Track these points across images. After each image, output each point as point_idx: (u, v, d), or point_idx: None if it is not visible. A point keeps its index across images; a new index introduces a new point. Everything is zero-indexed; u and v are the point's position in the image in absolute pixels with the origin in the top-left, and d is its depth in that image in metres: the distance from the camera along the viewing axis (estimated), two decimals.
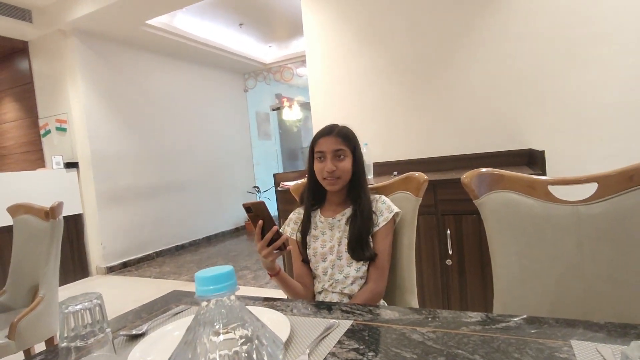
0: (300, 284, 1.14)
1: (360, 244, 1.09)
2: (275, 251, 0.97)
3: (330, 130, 1.13)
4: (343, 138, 1.12)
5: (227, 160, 5.94)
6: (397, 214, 1.12)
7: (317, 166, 1.13)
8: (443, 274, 1.95)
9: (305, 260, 1.17)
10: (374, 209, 1.12)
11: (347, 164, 1.11)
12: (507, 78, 2.31)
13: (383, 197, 1.16)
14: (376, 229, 1.10)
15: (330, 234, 1.15)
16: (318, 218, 1.19)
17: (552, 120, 2.22)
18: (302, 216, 1.21)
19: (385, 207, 1.11)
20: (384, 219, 1.10)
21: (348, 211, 1.14)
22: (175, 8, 3.83)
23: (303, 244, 1.18)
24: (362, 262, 1.10)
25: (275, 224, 0.95)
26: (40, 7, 3.85)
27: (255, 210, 0.93)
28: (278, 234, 0.95)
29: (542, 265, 0.90)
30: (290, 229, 1.22)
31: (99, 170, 4.10)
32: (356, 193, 1.13)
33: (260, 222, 0.93)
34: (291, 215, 1.25)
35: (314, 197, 1.20)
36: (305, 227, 1.18)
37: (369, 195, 1.14)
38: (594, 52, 2.10)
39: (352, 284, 1.08)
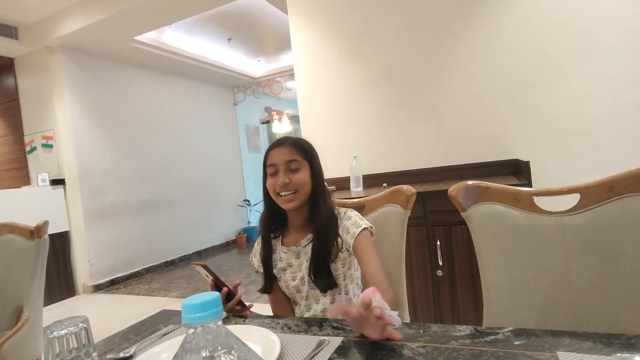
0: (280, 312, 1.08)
1: (319, 270, 0.97)
2: (237, 307, 0.96)
3: (284, 141, 1.02)
4: (298, 148, 1.00)
5: (217, 174, 5.91)
6: (368, 228, 0.99)
7: (269, 182, 1.00)
8: (434, 285, 1.95)
9: (274, 291, 1.09)
10: (340, 226, 1.00)
11: (303, 176, 0.99)
12: (493, 91, 2.36)
13: (349, 212, 1.03)
14: (347, 248, 0.98)
15: (297, 263, 1.04)
16: (280, 248, 1.06)
17: (537, 132, 2.27)
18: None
19: (351, 224, 0.99)
20: (352, 235, 0.97)
21: (312, 234, 1.02)
22: (164, 24, 3.85)
23: (268, 278, 1.07)
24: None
25: (225, 285, 0.95)
26: (26, 24, 3.83)
27: (207, 270, 0.96)
28: (230, 295, 0.95)
29: (529, 276, 0.91)
30: (257, 260, 1.11)
31: (86, 187, 4.04)
32: (316, 212, 0.99)
33: (211, 282, 0.96)
34: (256, 246, 1.13)
35: (274, 223, 1.07)
36: (267, 257, 1.06)
37: (331, 213, 1.01)
38: (575, 66, 2.17)
39: None
